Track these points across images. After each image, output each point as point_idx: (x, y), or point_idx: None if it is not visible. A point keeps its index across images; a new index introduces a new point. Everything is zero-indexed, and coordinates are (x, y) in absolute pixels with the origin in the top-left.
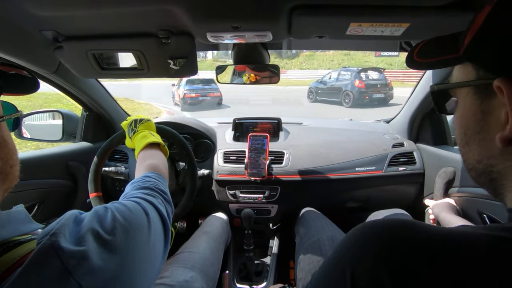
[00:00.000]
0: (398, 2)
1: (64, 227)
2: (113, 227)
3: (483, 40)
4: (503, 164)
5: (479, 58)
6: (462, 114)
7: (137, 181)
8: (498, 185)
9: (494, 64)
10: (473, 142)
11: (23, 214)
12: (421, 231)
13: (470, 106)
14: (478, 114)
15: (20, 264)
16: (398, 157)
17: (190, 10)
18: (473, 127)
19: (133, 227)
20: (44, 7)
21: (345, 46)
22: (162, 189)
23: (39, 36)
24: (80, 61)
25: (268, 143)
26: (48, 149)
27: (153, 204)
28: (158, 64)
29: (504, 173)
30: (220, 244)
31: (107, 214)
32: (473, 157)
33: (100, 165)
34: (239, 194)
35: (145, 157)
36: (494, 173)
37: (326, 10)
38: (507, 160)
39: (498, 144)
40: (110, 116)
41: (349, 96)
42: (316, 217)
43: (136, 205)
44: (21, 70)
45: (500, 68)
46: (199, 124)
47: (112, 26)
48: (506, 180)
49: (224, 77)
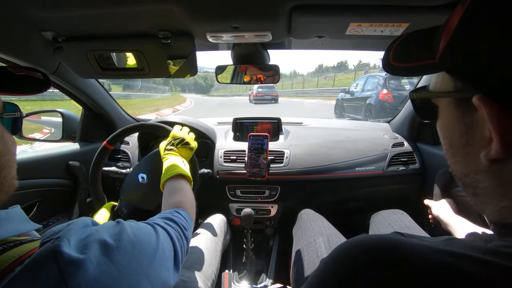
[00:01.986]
0: (398, 2)
1: (71, 232)
2: (119, 241)
3: (458, 47)
4: (488, 182)
5: (454, 68)
6: (445, 124)
7: (165, 213)
8: (480, 200)
9: (472, 77)
10: (459, 155)
11: (21, 213)
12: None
13: (452, 118)
14: (461, 127)
15: (20, 263)
16: (398, 157)
17: (189, 10)
18: (457, 140)
19: (140, 244)
20: (44, 7)
21: (344, 46)
22: (185, 225)
23: (39, 36)
24: (80, 62)
25: (268, 143)
26: (48, 149)
27: (168, 233)
28: (158, 64)
29: (488, 190)
30: (218, 244)
31: (117, 227)
32: (460, 170)
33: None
34: (239, 193)
35: (175, 190)
36: (479, 189)
37: (326, 10)
38: (492, 178)
39: (484, 162)
40: (110, 116)
41: (370, 113)
42: (314, 219)
43: (149, 226)
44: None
45: (479, 82)
46: (199, 124)
47: (112, 26)
48: (489, 197)
49: (224, 77)
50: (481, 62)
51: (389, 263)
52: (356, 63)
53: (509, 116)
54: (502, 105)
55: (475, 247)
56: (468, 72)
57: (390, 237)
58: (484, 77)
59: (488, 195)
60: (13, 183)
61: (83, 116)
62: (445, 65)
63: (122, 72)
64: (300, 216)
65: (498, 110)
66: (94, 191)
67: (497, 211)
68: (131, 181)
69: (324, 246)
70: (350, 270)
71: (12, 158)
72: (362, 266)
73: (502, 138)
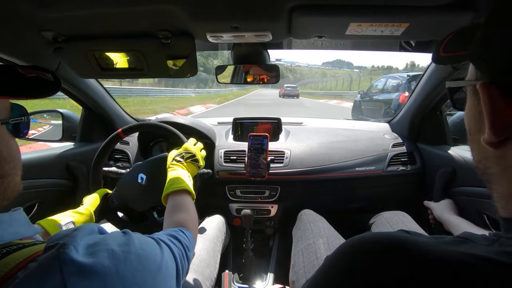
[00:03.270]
0: (398, 2)
1: (77, 239)
2: (127, 253)
3: (482, 40)
4: (495, 168)
5: (476, 58)
6: (467, 113)
7: (171, 231)
8: (492, 189)
9: (479, 65)
10: (474, 142)
11: (23, 216)
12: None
13: (471, 106)
14: (476, 114)
15: (24, 266)
16: (398, 157)
17: (189, 10)
18: (474, 127)
19: (145, 259)
20: (43, 7)
21: (344, 46)
22: (188, 246)
23: (38, 36)
24: (80, 61)
25: (268, 143)
26: (48, 149)
27: (172, 251)
28: (158, 64)
29: (495, 176)
30: (217, 244)
31: (125, 237)
32: (475, 157)
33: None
34: (239, 193)
35: (180, 206)
36: (488, 175)
37: (326, 10)
38: (497, 164)
39: (487, 147)
40: (109, 115)
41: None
42: (314, 220)
43: (154, 242)
44: (44, 74)
45: (484, 69)
46: (199, 124)
47: (111, 26)
48: (496, 184)
49: (224, 77)
50: (485, 49)
51: (395, 260)
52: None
53: (503, 99)
54: (501, 91)
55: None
56: (478, 60)
57: (396, 235)
58: (488, 64)
59: (495, 181)
60: (17, 188)
61: (83, 116)
62: (471, 54)
63: (122, 72)
64: (300, 217)
65: (493, 94)
66: (94, 173)
67: (506, 202)
68: (130, 178)
69: (324, 248)
70: (356, 267)
71: (17, 164)
72: (368, 264)
73: (491, 121)
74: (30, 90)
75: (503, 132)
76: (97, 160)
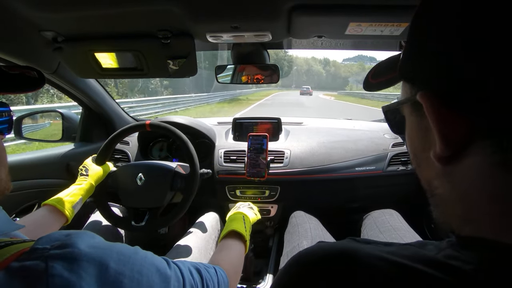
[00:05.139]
0: (398, 2)
1: (66, 250)
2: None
3: (406, 53)
4: (443, 187)
5: (405, 73)
6: (409, 133)
7: (203, 264)
8: (440, 211)
9: (414, 78)
10: (422, 162)
11: (3, 213)
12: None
13: (412, 125)
14: (420, 132)
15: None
16: (398, 156)
17: (189, 11)
18: (419, 147)
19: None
20: (43, 7)
21: (344, 46)
22: (209, 285)
23: (38, 36)
24: (80, 61)
25: (267, 143)
26: (48, 149)
27: (183, 279)
28: (158, 64)
29: (445, 197)
30: (209, 242)
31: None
32: (424, 178)
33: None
34: (239, 194)
35: (229, 248)
36: (438, 197)
37: (326, 9)
38: (446, 182)
39: (436, 164)
40: (109, 115)
41: None
42: (302, 221)
43: (165, 263)
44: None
45: (417, 81)
46: (199, 124)
47: (111, 26)
48: (445, 205)
49: (224, 77)
50: (416, 61)
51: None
52: None
53: (446, 107)
54: (440, 99)
55: (424, 256)
56: (409, 73)
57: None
58: (420, 74)
59: (445, 202)
60: (8, 183)
61: (82, 117)
62: (401, 72)
63: (121, 72)
64: (290, 219)
65: (435, 103)
66: (107, 147)
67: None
68: (130, 172)
69: None
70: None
71: (3, 154)
72: (308, 275)
73: (441, 131)
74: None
75: (452, 141)
76: (115, 137)
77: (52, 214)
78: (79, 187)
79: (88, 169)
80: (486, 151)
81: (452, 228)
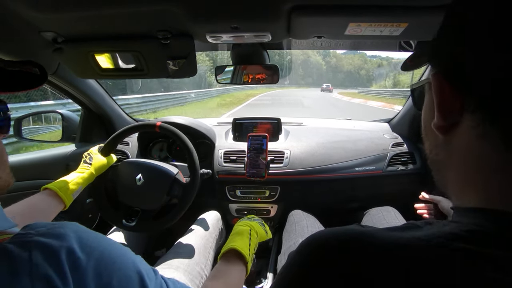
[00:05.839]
0: (397, 2)
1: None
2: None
3: (436, 39)
4: (443, 154)
5: (430, 56)
6: (424, 107)
7: None
8: (441, 176)
9: (435, 63)
10: (428, 132)
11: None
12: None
13: (428, 100)
14: (431, 104)
15: None
16: (397, 156)
17: (189, 11)
18: (428, 117)
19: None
20: (43, 8)
21: (344, 46)
22: None
23: (38, 37)
24: (80, 62)
25: (267, 143)
26: (48, 149)
27: None
28: (158, 65)
29: (444, 163)
30: (209, 240)
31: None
32: (428, 146)
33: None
34: (239, 194)
35: (227, 274)
36: (439, 163)
37: (325, 10)
38: (445, 150)
39: (437, 133)
40: (109, 116)
41: None
42: (299, 219)
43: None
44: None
45: (437, 66)
46: (199, 124)
47: (111, 27)
48: (446, 171)
49: (224, 77)
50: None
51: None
52: None
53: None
54: (444, 80)
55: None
56: (430, 58)
57: (348, 229)
58: (435, 60)
59: (444, 168)
60: (9, 180)
61: (82, 117)
62: (428, 54)
63: (121, 73)
64: (288, 218)
65: (441, 80)
66: (115, 140)
67: (458, 189)
68: (130, 170)
69: None
70: (310, 260)
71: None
72: (320, 257)
73: (439, 103)
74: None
75: (449, 114)
76: (125, 131)
77: (51, 199)
78: (81, 175)
79: (93, 157)
80: (473, 124)
81: (450, 195)
